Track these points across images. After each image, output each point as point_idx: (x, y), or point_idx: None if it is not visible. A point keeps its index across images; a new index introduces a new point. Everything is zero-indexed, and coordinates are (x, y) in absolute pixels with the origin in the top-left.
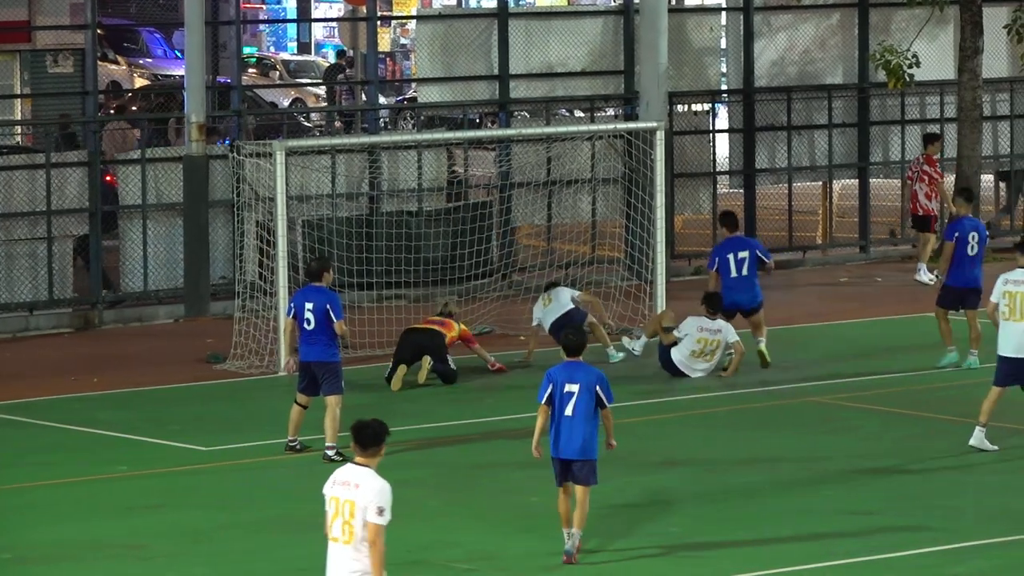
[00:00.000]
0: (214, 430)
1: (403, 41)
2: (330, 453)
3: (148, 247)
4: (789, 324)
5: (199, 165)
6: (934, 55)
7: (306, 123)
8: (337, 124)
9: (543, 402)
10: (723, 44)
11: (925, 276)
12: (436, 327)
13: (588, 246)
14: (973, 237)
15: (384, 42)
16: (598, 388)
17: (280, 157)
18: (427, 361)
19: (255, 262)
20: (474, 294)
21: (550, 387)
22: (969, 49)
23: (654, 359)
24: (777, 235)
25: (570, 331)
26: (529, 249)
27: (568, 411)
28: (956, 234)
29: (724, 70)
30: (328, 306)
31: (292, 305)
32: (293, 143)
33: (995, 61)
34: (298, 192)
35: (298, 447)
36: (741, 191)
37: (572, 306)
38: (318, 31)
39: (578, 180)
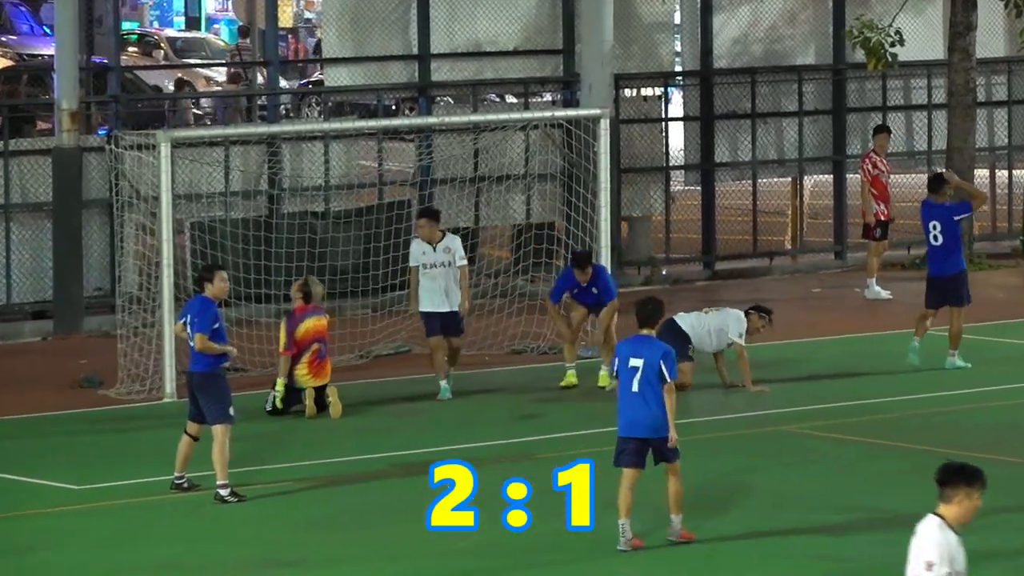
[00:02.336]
0: (89, 466)
1: (308, 15)
2: (223, 492)
3: (11, 253)
4: (753, 342)
5: (71, 159)
6: (920, 32)
7: (195, 110)
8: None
9: (613, 376)
10: (677, 19)
11: (874, 291)
12: (321, 331)
13: (523, 251)
14: (934, 227)
15: (285, 17)
16: (661, 363)
17: (165, 149)
18: (334, 392)
19: (136, 271)
20: (389, 307)
21: (617, 361)
22: (961, 25)
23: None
24: (740, 239)
25: (646, 300)
26: None
27: (634, 387)
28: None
29: (678, 49)
30: (195, 320)
31: (183, 314)
32: (180, 133)
33: (991, 39)
34: (186, 190)
35: (186, 485)
36: (698, 188)
37: (456, 307)
38: (209, 4)
39: (510, 176)
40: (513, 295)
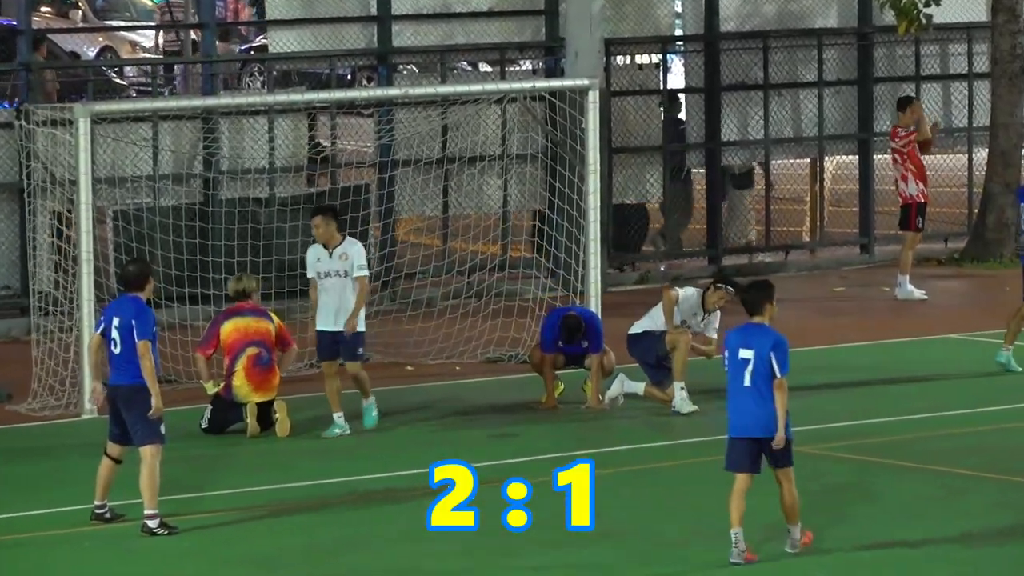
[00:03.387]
0: None
1: None
2: (151, 524)
3: None
4: None
5: None
6: None
7: (119, 80)
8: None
9: (726, 368)
10: None
11: (906, 290)
12: (262, 333)
13: (498, 245)
14: (1022, 210)
15: None
16: (772, 355)
17: (84, 126)
18: (282, 407)
19: (50, 267)
20: None
21: (726, 353)
22: None
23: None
24: (751, 230)
25: (754, 284)
26: (418, 249)
27: (745, 381)
28: None
29: (679, 9)
30: (133, 321)
31: (101, 320)
32: (101, 107)
33: None
34: (108, 173)
35: (108, 515)
36: (702, 171)
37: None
38: None
39: (484, 157)
40: (489, 295)
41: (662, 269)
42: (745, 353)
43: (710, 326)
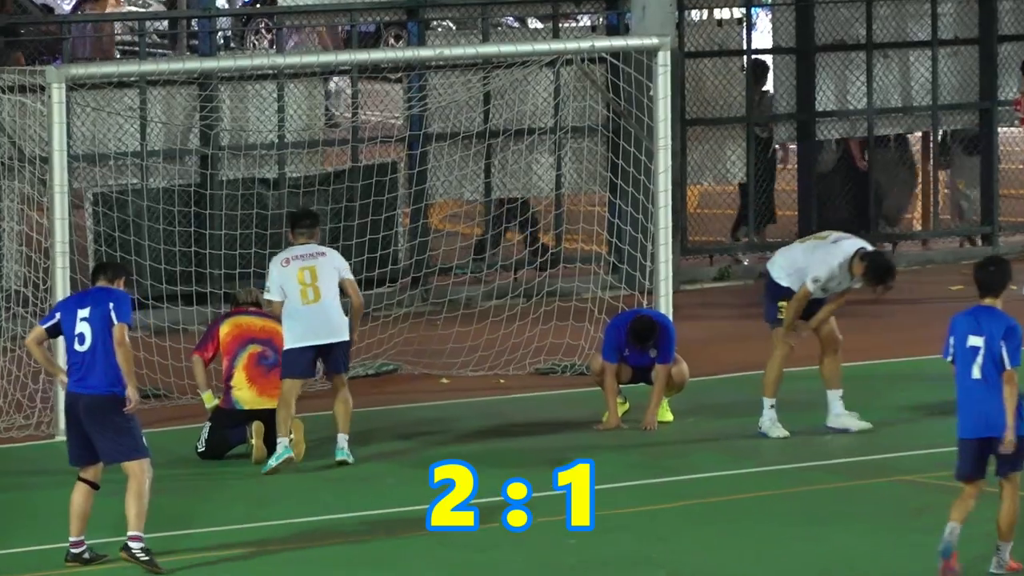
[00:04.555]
0: None
1: None
2: (134, 547)
3: None
4: (866, 359)
5: None
6: None
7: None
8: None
9: (948, 359)
10: None
11: None
12: (268, 331)
13: (550, 235)
14: None
15: None
16: (1003, 343)
17: (58, 93)
18: (298, 428)
19: (19, 260)
20: (369, 309)
21: (952, 340)
22: None
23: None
24: (851, 217)
25: (987, 261)
26: (455, 239)
27: (975, 372)
28: None
29: None
30: (111, 304)
31: (56, 313)
32: (79, 70)
33: None
34: (88, 149)
35: (87, 555)
36: (793, 147)
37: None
38: None
39: (534, 130)
40: (539, 295)
41: (745, 263)
42: (975, 340)
43: None
